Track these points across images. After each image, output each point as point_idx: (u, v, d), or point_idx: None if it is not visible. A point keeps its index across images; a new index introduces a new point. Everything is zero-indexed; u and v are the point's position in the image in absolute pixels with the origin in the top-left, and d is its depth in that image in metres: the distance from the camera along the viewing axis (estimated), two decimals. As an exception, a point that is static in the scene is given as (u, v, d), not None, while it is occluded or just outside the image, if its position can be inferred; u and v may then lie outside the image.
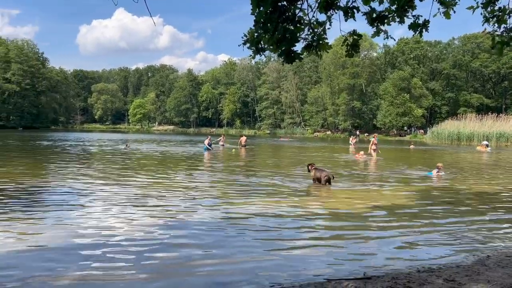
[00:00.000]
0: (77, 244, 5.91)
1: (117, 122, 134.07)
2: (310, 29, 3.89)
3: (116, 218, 7.48)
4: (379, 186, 12.56)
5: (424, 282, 4.47)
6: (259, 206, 8.90)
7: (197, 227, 6.95)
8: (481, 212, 8.88)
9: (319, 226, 7.45)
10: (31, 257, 5.32)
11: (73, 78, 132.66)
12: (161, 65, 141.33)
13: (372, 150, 23.56)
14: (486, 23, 4.93)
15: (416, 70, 77.28)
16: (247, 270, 4.99)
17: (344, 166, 18.99)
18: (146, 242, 6.06)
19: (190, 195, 10.06)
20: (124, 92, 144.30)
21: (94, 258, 5.34)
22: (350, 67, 77.97)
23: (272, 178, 13.72)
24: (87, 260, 5.25)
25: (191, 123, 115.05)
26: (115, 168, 15.95)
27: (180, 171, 15.39)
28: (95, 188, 10.77)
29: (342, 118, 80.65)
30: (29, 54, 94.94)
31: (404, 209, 9.11)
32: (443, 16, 4.67)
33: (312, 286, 4.41)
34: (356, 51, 4.20)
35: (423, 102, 73.16)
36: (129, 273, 4.85)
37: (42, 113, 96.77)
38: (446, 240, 6.55)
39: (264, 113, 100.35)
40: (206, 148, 27.28)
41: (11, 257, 5.32)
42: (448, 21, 4.69)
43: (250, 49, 3.93)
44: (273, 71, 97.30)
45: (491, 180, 14.56)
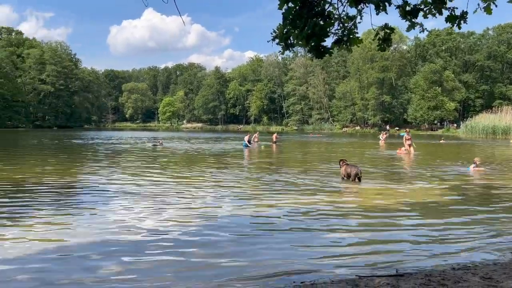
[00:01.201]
0: (112, 241, 6.07)
1: (147, 121, 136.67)
2: (340, 23, 3.85)
3: (149, 216, 7.65)
4: (411, 182, 12.31)
5: (459, 280, 4.36)
6: (289, 203, 8.90)
7: (228, 224, 7.03)
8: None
9: (349, 222, 7.38)
10: (69, 255, 5.52)
11: (104, 78, 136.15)
12: (189, 64, 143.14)
13: (407, 145, 23.07)
14: None
15: (448, 63, 75.08)
16: (277, 266, 5.00)
17: (374, 162, 18.70)
18: (177, 239, 6.16)
19: (223, 192, 10.16)
20: (154, 91, 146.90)
21: (128, 255, 5.48)
22: (379, 61, 76.54)
23: (301, 175, 13.68)
24: (122, 257, 5.40)
25: (218, 121, 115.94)
26: (148, 165, 16.29)
27: (213, 167, 15.55)
28: (128, 185, 11.04)
29: (372, 113, 79.31)
30: (63, 56, 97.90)
31: (438, 205, 8.91)
32: (484, 12, 4.47)
33: (343, 282, 4.38)
34: (389, 45, 4.13)
35: (456, 95, 70.97)
36: (163, 269, 4.96)
37: (75, 112, 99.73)
38: (482, 237, 6.37)
39: (292, 109, 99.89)
40: (245, 144, 27.37)
41: (49, 253, 5.54)
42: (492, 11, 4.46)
43: (279, 45, 3.93)
44: (300, 66, 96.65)
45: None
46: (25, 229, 6.56)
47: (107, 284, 4.45)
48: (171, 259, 5.27)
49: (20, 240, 5.98)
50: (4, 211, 7.77)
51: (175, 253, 5.52)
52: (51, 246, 5.72)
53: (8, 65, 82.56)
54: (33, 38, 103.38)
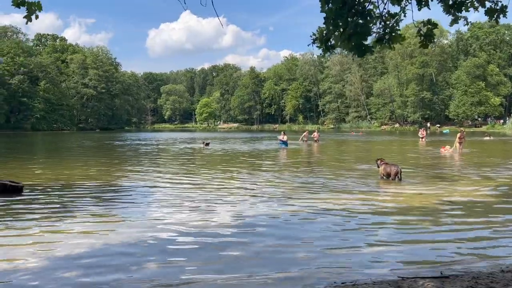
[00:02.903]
0: (149, 238, 6.26)
1: (185, 121, 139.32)
2: (381, 21, 3.80)
3: (188, 215, 7.82)
4: (455, 181, 11.92)
5: (509, 283, 4.20)
6: (328, 202, 8.84)
7: (268, 222, 7.08)
8: None
9: (390, 222, 7.24)
10: (112, 255, 5.75)
11: (143, 80, 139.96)
12: (225, 64, 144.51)
13: (458, 143, 22.17)
14: None
15: (492, 56, 71.89)
16: (317, 266, 5.00)
17: (415, 160, 18.22)
18: (218, 238, 6.26)
19: (261, 190, 10.22)
20: (191, 92, 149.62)
21: (168, 251, 5.64)
22: (418, 56, 74.37)
23: (341, 173, 13.53)
24: (163, 251, 5.56)
25: (254, 120, 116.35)
26: (190, 165, 16.63)
27: (251, 168, 15.67)
28: (167, 186, 11.33)
29: (411, 110, 77.19)
30: (104, 60, 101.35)
31: (483, 205, 8.58)
32: None
33: (385, 284, 4.32)
34: (431, 41, 4.03)
35: (501, 90, 67.94)
36: (203, 266, 5.07)
37: (116, 115, 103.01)
38: (533, 239, 6.09)
39: (328, 107, 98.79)
40: (282, 143, 27.56)
41: (93, 251, 5.78)
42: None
43: (319, 47, 3.92)
44: (336, 64, 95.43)
45: None
46: (70, 227, 6.87)
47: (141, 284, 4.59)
48: (210, 257, 5.37)
49: (65, 239, 6.27)
50: (52, 210, 8.18)
51: (214, 250, 5.62)
52: (95, 245, 5.96)
53: (54, 70, 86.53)
54: (76, 44, 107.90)
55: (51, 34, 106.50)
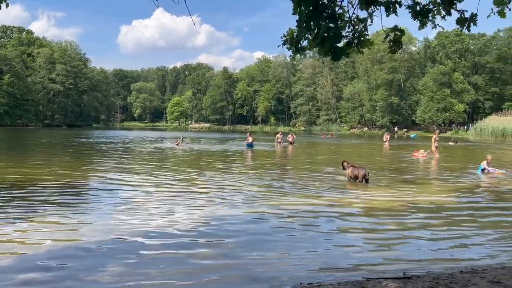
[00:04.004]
0: (116, 239, 6.13)
1: (155, 120, 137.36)
2: (350, 26, 3.86)
3: (154, 214, 7.70)
4: (421, 184, 12.26)
5: (467, 283, 4.35)
6: (295, 204, 8.91)
7: (235, 224, 7.05)
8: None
9: (356, 224, 7.37)
10: (74, 253, 5.59)
11: (113, 77, 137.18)
12: (198, 64, 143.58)
13: (434, 147, 22.55)
14: None
15: (457, 64, 74.40)
16: (284, 267, 5.03)
17: (382, 164, 18.64)
18: (183, 240, 6.19)
19: (229, 191, 10.20)
20: (162, 91, 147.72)
21: (133, 253, 5.54)
22: (387, 62, 76.15)
23: (309, 175, 13.67)
24: (127, 254, 5.45)
25: (226, 121, 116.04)
26: (158, 164, 16.39)
27: (220, 168, 15.61)
28: (132, 187, 11.12)
29: (380, 114, 78.93)
30: (72, 55, 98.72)
31: (446, 208, 8.86)
32: (498, 16, 4.42)
33: (350, 284, 4.39)
34: (399, 47, 4.12)
35: (465, 97, 70.43)
36: (168, 269, 5.00)
37: (84, 111, 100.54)
38: (490, 241, 6.34)
39: (299, 110, 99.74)
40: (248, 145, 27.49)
41: (56, 252, 5.60)
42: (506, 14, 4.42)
43: (289, 49, 3.95)
44: (308, 67, 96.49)
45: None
46: (33, 228, 6.64)
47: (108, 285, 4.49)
48: (176, 260, 5.31)
49: (28, 239, 6.05)
50: (13, 210, 7.88)
51: (180, 254, 5.56)
52: (57, 245, 5.78)
53: (19, 64, 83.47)
54: (43, 37, 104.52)
55: (17, 27, 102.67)
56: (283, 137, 32.97)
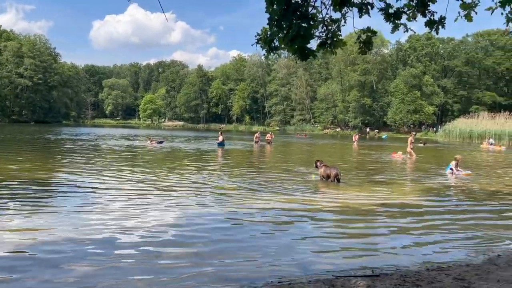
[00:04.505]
0: (85, 239, 5.98)
1: (128, 118, 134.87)
2: (323, 26, 3.89)
3: (123, 214, 7.55)
4: (391, 184, 12.51)
5: (433, 281, 4.46)
6: (267, 203, 8.92)
7: (205, 223, 7.00)
8: (492, 211, 8.82)
9: (327, 223, 7.46)
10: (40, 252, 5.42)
11: (85, 73, 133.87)
12: (172, 61, 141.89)
13: (410, 148, 22.99)
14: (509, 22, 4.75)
15: (427, 67, 76.50)
16: (255, 266, 5.02)
17: (355, 163, 18.93)
18: (152, 238, 6.11)
19: (200, 191, 10.12)
20: (135, 88, 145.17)
21: (100, 253, 5.42)
22: (360, 64, 77.42)
23: (282, 174, 13.74)
24: (95, 255, 5.33)
25: (200, 119, 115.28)
26: (128, 163, 16.11)
27: (192, 167, 15.49)
28: (104, 183, 10.90)
29: (352, 115, 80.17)
30: (41, 49, 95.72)
31: (414, 207, 9.08)
32: (465, 19, 4.57)
33: (320, 282, 4.43)
34: (370, 48, 4.19)
35: (434, 100, 72.46)
36: (137, 269, 4.92)
37: (53, 107, 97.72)
38: (456, 239, 6.53)
39: (274, 109, 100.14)
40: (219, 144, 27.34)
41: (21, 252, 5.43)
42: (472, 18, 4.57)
43: (263, 48, 3.95)
44: (283, 67, 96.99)
45: (504, 179, 14.38)
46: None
47: (76, 285, 4.37)
48: (145, 259, 5.23)
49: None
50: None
51: (149, 252, 5.48)
52: (22, 245, 5.60)
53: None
54: (11, 30, 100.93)
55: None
56: (261, 136, 33.23)
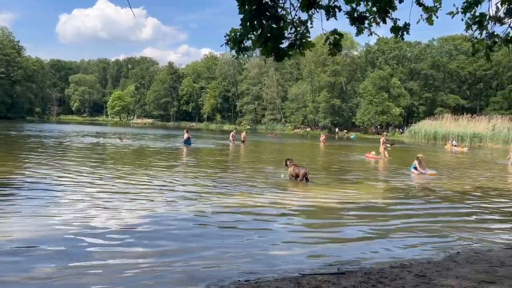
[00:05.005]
0: (47, 240, 5.82)
1: (95, 114, 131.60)
2: (292, 27, 3.94)
3: (87, 214, 7.37)
4: (358, 183, 12.77)
5: (395, 278, 4.60)
6: (236, 202, 8.93)
7: (172, 223, 6.91)
8: (454, 211, 9.15)
9: (295, 221, 7.54)
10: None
11: (50, 68, 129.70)
12: (141, 57, 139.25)
13: (383, 148, 23.38)
14: (468, 29, 4.96)
15: (395, 70, 78.65)
16: (222, 265, 5.02)
17: (323, 163, 19.21)
18: (116, 238, 6.00)
19: (168, 190, 10.02)
20: (103, 84, 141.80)
21: (63, 253, 5.30)
22: (330, 65, 78.58)
23: (251, 173, 13.78)
24: (59, 254, 5.20)
25: (170, 117, 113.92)
26: (93, 162, 15.74)
27: (160, 166, 15.30)
28: (68, 182, 10.62)
29: (322, 116, 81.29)
30: (4, 42, 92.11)
31: (380, 206, 9.30)
32: (426, 22, 4.75)
33: (287, 281, 4.48)
34: (339, 50, 4.27)
35: (401, 101, 74.54)
36: (102, 268, 4.83)
37: (16, 103, 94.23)
38: (419, 237, 6.73)
39: (245, 108, 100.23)
40: (185, 142, 27.12)
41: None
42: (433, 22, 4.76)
43: (232, 49, 3.95)
44: (255, 66, 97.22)
45: (466, 180, 14.91)
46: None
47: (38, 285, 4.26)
48: (110, 258, 5.13)
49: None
50: None
51: (114, 252, 5.39)
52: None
53: None
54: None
55: None
56: (236, 135, 33.35)
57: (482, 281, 4.46)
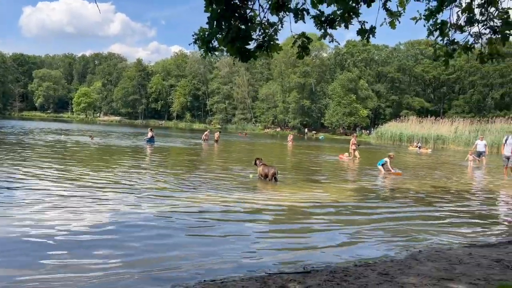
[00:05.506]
0: (8, 241, 5.63)
1: (60, 111, 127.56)
2: (261, 29, 3.96)
3: (48, 214, 7.16)
4: (326, 183, 12.96)
5: (359, 276, 4.70)
6: (202, 202, 8.88)
7: (136, 224, 6.80)
8: (417, 210, 9.43)
9: (262, 220, 7.58)
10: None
11: (12, 62, 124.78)
12: (109, 53, 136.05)
13: (352, 150, 23.59)
14: (430, 35, 5.15)
15: (363, 72, 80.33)
16: (188, 265, 4.99)
17: (292, 163, 19.38)
18: (80, 238, 5.87)
19: (132, 190, 9.85)
20: (69, 80, 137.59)
21: (24, 253, 5.13)
22: (300, 66, 79.35)
23: (220, 173, 13.74)
24: (18, 255, 5.04)
25: (139, 115, 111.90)
26: (55, 160, 15.28)
27: (127, 165, 15.03)
28: (27, 182, 10.26)
29: (292, 116, 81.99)
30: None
31: (346, 205, 9.47)
32: (389, 26, 4.90)
33: (253, 280, 4.50)
34: (306, 53, 4.33)
35: (369, 103, 76.22)
36: (63, 270, 4.71)
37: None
38: (384, 236, 6.90)
39: (216, 107, 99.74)
40: (148, 140, 26.78)
41: None
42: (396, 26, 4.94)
43: (200, 48, 3.94)
44: (225, 66, 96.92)
45: (430, 180, 15.39)
46: None
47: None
48: (72, 259, 5.02)
49: None
50: None
51: (77, 253, 5.27)
52: None
53: None
54: None
55: None
56: (210, 134, 33.29)
57: (441, 278, 4.63)
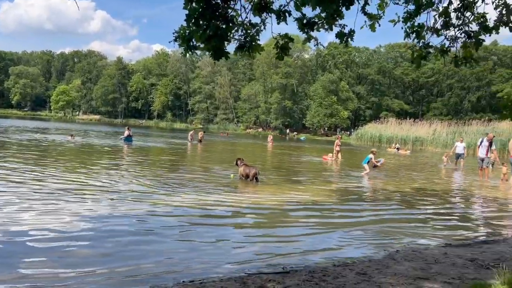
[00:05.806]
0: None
1: (37, 109, 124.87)
2: (243, 30, 3.95)
3: (25, 215, 6.99)
4: (306, 184, 13.03)
5: (338, 276, 4.75)
6: (182, 203, 8.79)
7: (114, 224, 6.69)
8: (396, 210, 9.58)
9: (242, 222, 7.57)
10: None
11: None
12: (89, 51, 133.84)
13: (336, 151, 23.75)
14: (407, 37, 5.26)
15: (344, 74, 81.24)
16: (166, 266, 4.95)
17: (273, 164, 19.42)
18: (58, 238, 5.75)
19: (110, 191, 9.71)
20: (47, 77, 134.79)
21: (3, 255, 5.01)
22: (282, 67, 79.78)
23: (201, 173, 13.68)
24: None
25: (118, 114, 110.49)
26: (31, 160, 14.94)
27: (106, 164, 14.81)
28: (2, 181, 10.02)
29: (274, 116, 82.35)
30: None
31: (326, 205, 9.55)
32: (369, 29, 4.98)
33: (232, 280, 4.49)
34: (286, 53, 4.35)
35: (349, 105, 77.16)
36: (42, 270, 4.62)
37: None
38: (363, 236, 6.98)
39: (197, 107, 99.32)
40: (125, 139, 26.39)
41: None
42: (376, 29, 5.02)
43: (181, 46, 3.91)
44: (207, 65, 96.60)
45: (409, 181, 15.64)
46: None
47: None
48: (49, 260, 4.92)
49: None
50: None
51: (53, 254, 5.16)
52: None
53: None
54: None
55: None
56: (194, 134, 33.19)
57: (417, 277, 4.71)
